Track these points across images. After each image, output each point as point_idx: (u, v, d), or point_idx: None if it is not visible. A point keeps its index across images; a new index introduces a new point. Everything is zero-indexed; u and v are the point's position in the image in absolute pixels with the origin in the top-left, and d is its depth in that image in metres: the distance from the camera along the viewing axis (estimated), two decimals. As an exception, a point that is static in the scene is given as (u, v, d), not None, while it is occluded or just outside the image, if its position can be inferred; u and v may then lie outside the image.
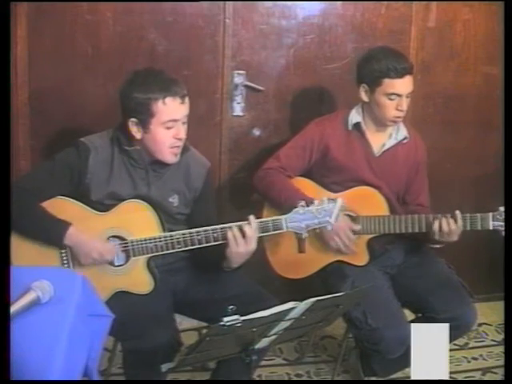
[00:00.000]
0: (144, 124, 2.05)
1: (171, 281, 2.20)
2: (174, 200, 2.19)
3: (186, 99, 2.08)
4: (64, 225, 2.03)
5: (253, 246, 2.05)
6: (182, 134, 2.09)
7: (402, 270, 2.48)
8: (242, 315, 1.55)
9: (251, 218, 2.04)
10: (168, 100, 2.03)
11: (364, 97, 2.40)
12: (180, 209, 2.21)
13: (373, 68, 2.34)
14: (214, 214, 2.32)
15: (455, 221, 2.25)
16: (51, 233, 2.04)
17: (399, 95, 2.32)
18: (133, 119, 2.06)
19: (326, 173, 2.47)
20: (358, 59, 2.46)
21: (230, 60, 2.81)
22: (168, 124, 2.05)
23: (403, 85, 2.32)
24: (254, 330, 1.64)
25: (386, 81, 2.31)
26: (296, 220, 2.03)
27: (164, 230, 2.08)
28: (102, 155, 2.12)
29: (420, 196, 2.53)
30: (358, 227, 2.39)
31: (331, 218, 2.01)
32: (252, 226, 2.03)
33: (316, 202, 2.03)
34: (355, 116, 2.46)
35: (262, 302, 2.03)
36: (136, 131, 2.08)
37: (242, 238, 2.02)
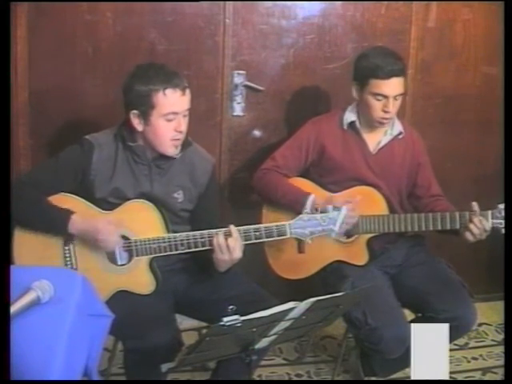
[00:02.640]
0: (145, 116, 2.06)
1: (172, 281, 2.20)
2: (179, 196, 2.20)
3: (187, 92, 2.08)
4: (67, 213, 2.04)
5: (236, 254, 2.04)
6: (183, 127, 2.09)
7: (402, 270, 2.48)
8: (242, 315, 1.55)
9: (232, 227, 2.03)
10: (168, 92, 2.03)
11: (355, 94, 2.41)
12: (184, 205, 2.21)
13: (362, 66, 2.35)
14: (217, 210, 2.33)
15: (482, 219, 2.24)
16: (55, 222, 2.05)
17: (385, 96, 2.31)
18: (134, 111, 2.07)
19: (324, 173, 2.48)
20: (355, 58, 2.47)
21: (230, 60, 2.80)
22: (169, 116, 2.05)
23: (389, 86, 2.30)
24: (254, 330, 1.64)
25: (373, 81, 2.31)
26: (300, 226, 2.03)
27: (168, 231, 2.09)
28: (105, 152, 2.13)
29: (431, 187, 2.52)
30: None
31: (335, 226, 2.01)
32: (234, 236, 2.02)
33: (320, 209, 2.03)
34: (350, 115, 2.46)
35: (262, 302, 2.02)
36: (137, 123, 2.08)
37: (225, 246, 2.02)
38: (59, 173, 2.11)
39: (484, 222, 2.23)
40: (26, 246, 2.07)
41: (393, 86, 2.31)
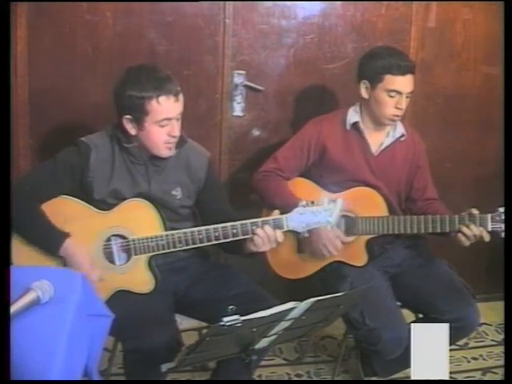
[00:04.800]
0: (138, 122, 2.06)
1: (172, 280, 2.20)
2: (177, 192, 2.20)
3: (180, 96, 2.07)
4: (61, 236, 2.03)
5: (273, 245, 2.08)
6: (176, 132, 2.09)
7: (403, 271, 2.48)
8: (242, 315, 1.55)
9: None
10: (162, 99, 2.02)
11: (364, 93, 2.40)
12: (183, 201, 2.22)
13: (376, 64, 2.34)
14: (226, 199, 2.35)
15: (475, 223, 2.24)
16: (48, 242, 2.04)
17: (399, 93, 2.33)
18: (127, 116, 2.07)
19: (325, 173, 2.47)
20: (360, 56, 2.46)
21: (230, 60, 2.80)
22: (162, 122, 2.05)
23: (404, 82, 2.32)
24: (254, 329, 1.64)
25: (388, 77, 2.31)
26: (297, 219, 2.04)
27: (166, 229, 2.09)
28: (102, 153, 2.13)
29: (426, 190, 2.53)
30: (348, 239, 2.40)
31: (331, 218, 2.01)
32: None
33: (316, 201, 2.04)
34: (353, 115, 2.45)
35: (262, 302, 2.03)
36: (131, 128, 2.09)
37: (274, 237, 2.04)
38: (57, 175, 2.10)
39: (484, 234, 2.22)
40: (26, 246, 2.06)
41: (407, 83, 2.33)
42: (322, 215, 2.01)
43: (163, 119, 2.05)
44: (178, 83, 2.08)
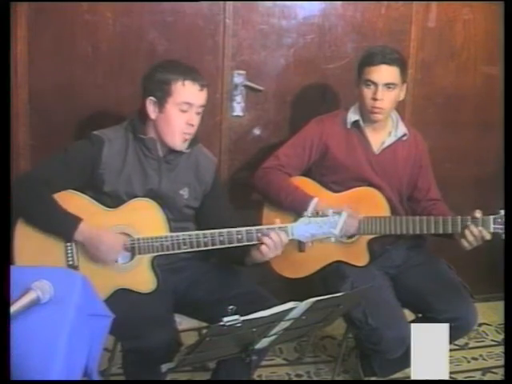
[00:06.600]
0: (161, 103, 2.09)
1: (172, 280, 2.19)
2: (185, 192, 2.21)
3: (205, 90, 2.12)
4: (75, 220, 2.04)
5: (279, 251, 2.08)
6: (195, 121, 2.12)
7: (402, 270, 2.48)
8: (241, 315, 1.55)
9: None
10: (187, 83, 2.08)
11: (356, 90, 2.42)
12: (189, 201, 2.23)
13: (361, 58, 2.40)
14: (228, 207, 2.34)
15: (477, 225, 2.22)
16: (62, 227, 2.05)
17: (374, 83, 2.33)
18: (151, 98, 2.10)
19: (326, 172, 2.48)
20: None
21: (230, 60, 2.81)
22: (183, 106, 2.08)
23: (378, 73, 2.32)
24: (254, 330, 1.64)
25: (365, 68, 2.36)
26: (301, 229, 2.04)
27: (170, 231, 2.09)
28: (116, 146, 2.13)
29: (430, 191, 2.53)
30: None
31: (336, 230, 2.01)
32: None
33: (321, 212, 2.04)
34: (353, 114, 2.46)
35: (262, 301, 2.03)
36: (152, 111, 2.11)
37: (280, 243, 2.04)
38: (69, 166, 2.10)
39: (484, 233, 2.22)
40: (28, 242, 2.06)
41: (382, 73, 2.33)
42: (326, 227, 2.02)
43: (185, 102, 2.08)
44: (206, 80, 2.13)
